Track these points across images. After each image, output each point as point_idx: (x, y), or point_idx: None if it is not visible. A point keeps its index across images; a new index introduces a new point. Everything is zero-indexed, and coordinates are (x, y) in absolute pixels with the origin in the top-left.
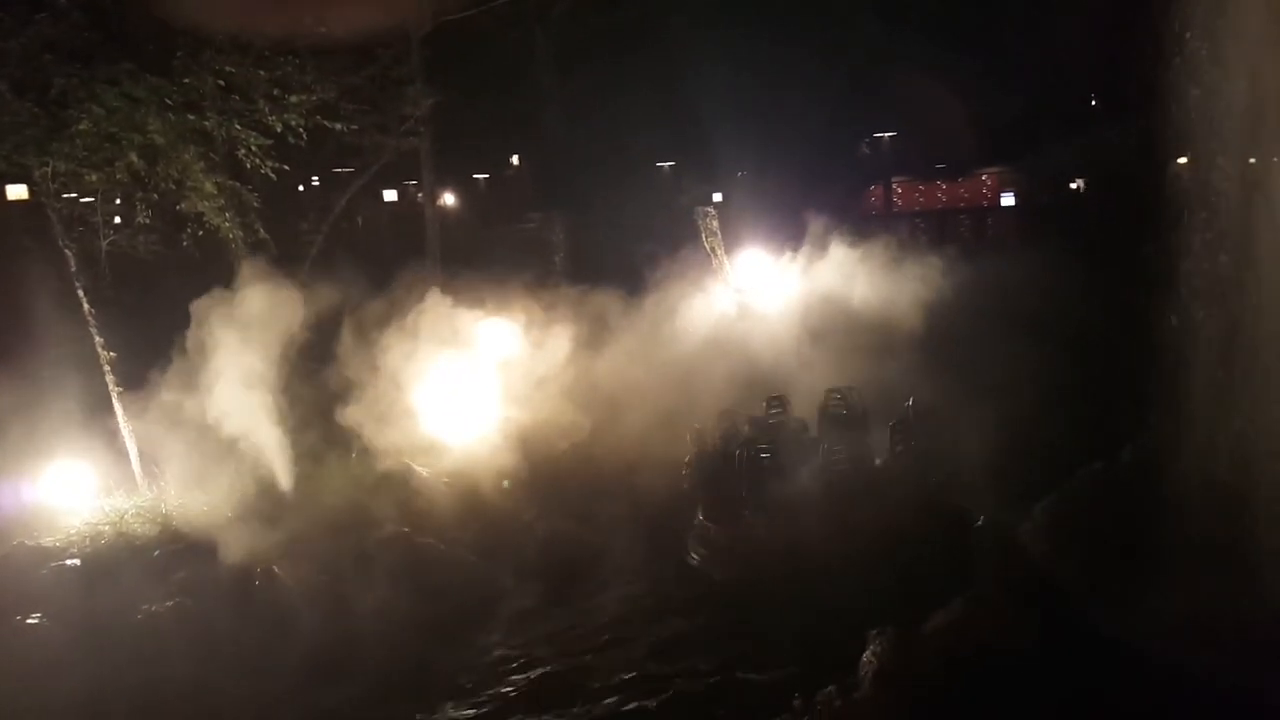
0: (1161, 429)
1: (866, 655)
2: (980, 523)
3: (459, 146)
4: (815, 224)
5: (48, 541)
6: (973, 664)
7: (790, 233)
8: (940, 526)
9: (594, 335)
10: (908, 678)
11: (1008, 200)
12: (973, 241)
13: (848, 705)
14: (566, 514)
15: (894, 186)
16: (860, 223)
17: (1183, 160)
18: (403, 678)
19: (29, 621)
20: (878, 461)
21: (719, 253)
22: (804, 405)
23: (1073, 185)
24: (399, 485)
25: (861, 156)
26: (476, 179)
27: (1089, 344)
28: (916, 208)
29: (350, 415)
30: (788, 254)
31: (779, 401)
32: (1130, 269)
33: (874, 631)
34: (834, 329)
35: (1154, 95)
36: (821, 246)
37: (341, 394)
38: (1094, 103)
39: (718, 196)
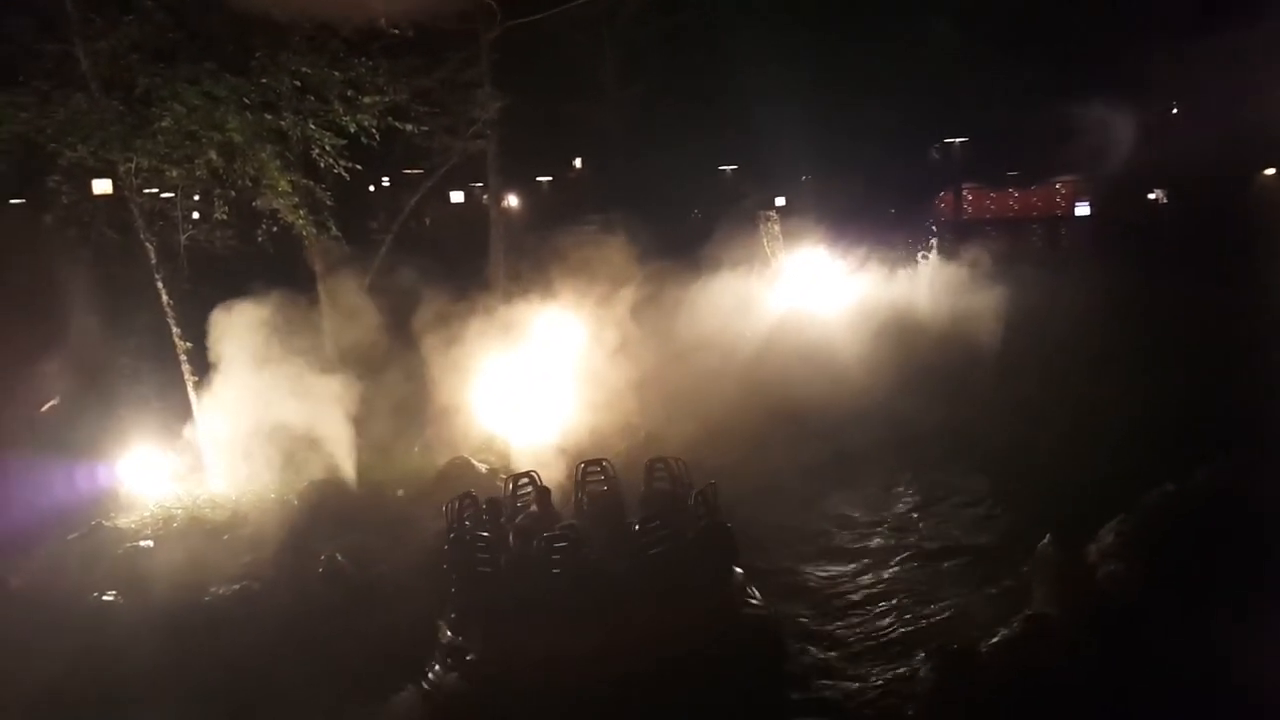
0: (1245, 451)
1: (925, 670)
2: (1045, 541)
3: (523, 149)
4: (879, 230)
5: (124, 523)
6: (1028, 686)
7: (854, 238)
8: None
9: (652, 337)
10: (960, 696)
11: (1082, 210)
12: (1046, 251)
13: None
14: None
15: (964, 193)
16: (928, 229)
17: (1271, 170)
18: None
19: (105, 598)
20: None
21: (779, 256)
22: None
23: (1151, 195)
24: (458, 480)
25: (931, 161)
26: (539, 181)
27: (1165, 361)
28: (987, 215)
29: (414, 410)
30: (849, 259)
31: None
32: (1213, 284)
33: (930, 648)
34: (890, 338)
35: (1239, 102)
36: (882, 254)
37: (408, 389)
38: (1175, 110)
39: (780, 200)
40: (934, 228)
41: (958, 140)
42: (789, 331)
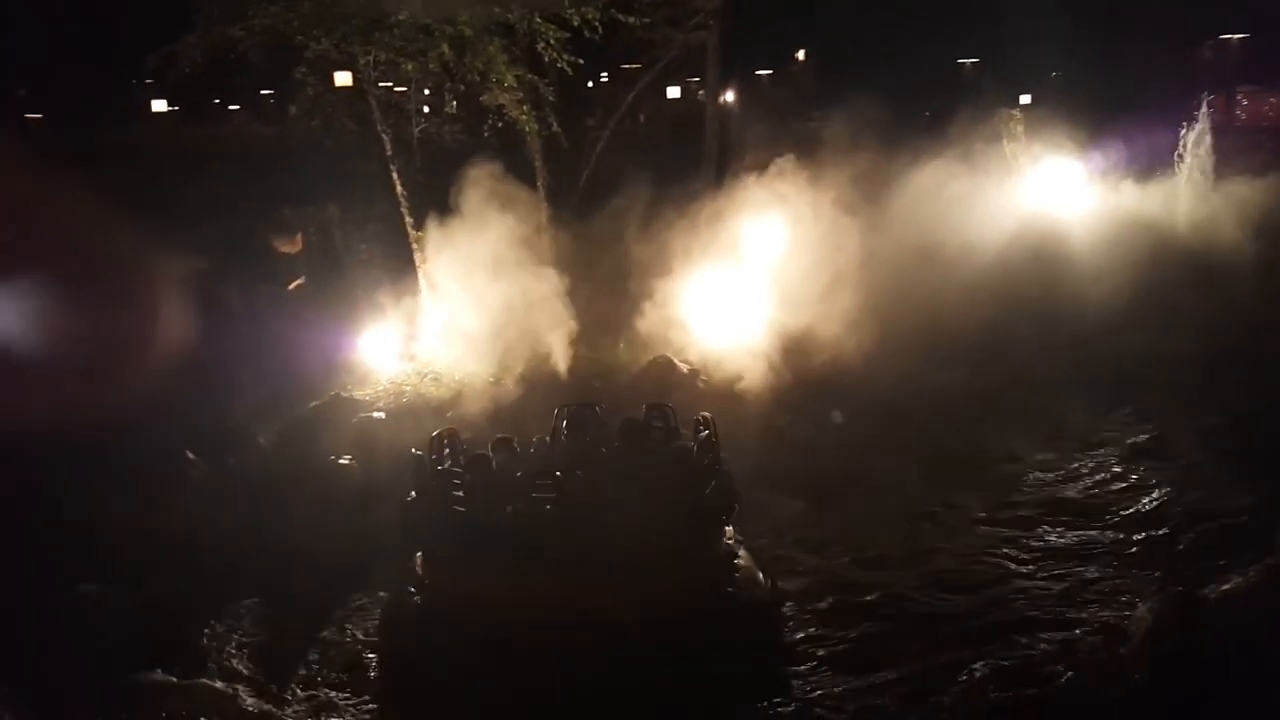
0: None
1: (1141, 610)
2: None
3: (744, 41)
4: (1136, 135)
5: (359, 395)
6: (1260, 638)
7: (1107, 143)
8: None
9: (874, 242)
10: (1180, 640)
11: None
12: None
13: (1111, 658)
14: (820, 425)
15: (1238, 97)
16: (1193, 137)
17: None
18: None
19: (341, 461)
20: None
21: (1020, 160)
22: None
23: None
24: (660, 377)
25: (1201, 60)
26: (759, 75)
27: None
28: (1264, 123)
29: (622, 306)
30: (1101, 166)
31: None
32: None
33: (1154, 588)
34: (1140, 256)
35: None
36: (1138, 162)
37: (617, 285)
38: None
39: (1025, 98)
40: (1200, 135)
41: (1236, 37)
42: (1027, 241)
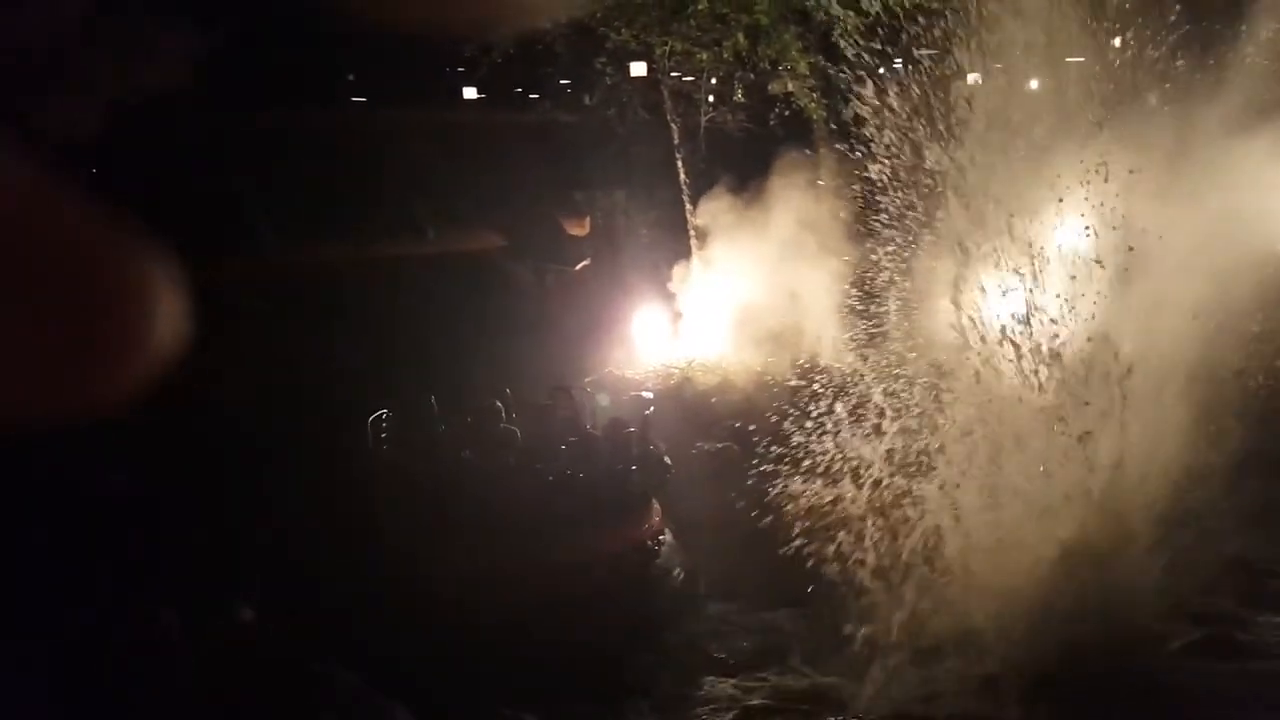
0: None
1: None
2: None
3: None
4: None
5: (629, 374)
6: None
7: None
8: None
9: (1195, 246)
10: None
11: None
12: None
13: None
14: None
15: None
16: None
17: None
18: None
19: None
20: None
21: None
22: None
23: None
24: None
25: None
26: (1069, 63)
27: None
28: None
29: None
30: None
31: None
32: None
33: None
34: None
35: None
36: None
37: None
38: None
39: None
40: None
41: None
42: None
